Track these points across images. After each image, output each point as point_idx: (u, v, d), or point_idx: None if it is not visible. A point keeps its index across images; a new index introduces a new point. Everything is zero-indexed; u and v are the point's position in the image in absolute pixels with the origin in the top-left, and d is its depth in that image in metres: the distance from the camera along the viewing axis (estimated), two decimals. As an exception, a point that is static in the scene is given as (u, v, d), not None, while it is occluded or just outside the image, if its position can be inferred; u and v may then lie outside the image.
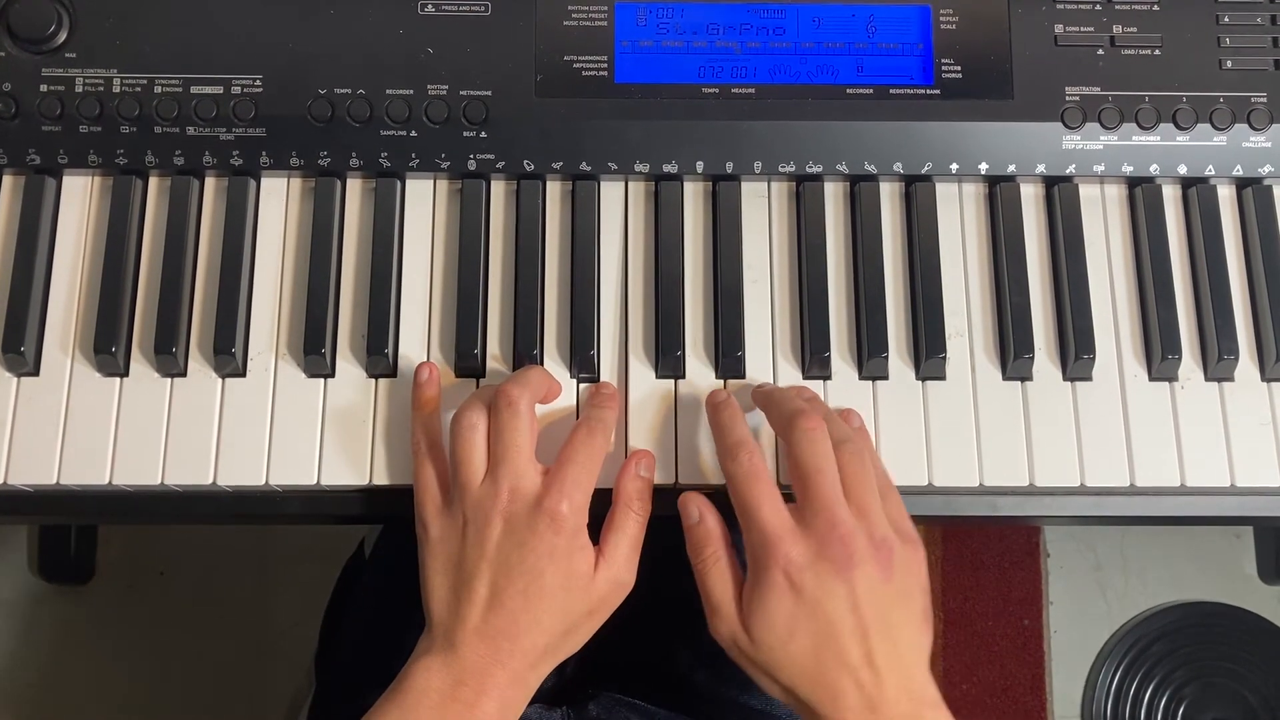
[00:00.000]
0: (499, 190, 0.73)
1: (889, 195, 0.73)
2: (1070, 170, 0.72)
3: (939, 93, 0.72)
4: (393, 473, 0.68)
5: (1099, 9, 0.72)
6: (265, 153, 0.71)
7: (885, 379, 0.70)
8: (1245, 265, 0.72)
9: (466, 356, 0.69)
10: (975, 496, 0.69)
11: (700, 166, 0.72)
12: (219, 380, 0.69)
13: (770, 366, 0.70)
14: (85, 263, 0.71)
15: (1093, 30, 0.72)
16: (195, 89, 0.71)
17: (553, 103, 0.71)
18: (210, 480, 0.67)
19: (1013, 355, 0.69)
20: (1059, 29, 0.72)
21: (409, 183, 0.73)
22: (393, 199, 0.72)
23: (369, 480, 0.68)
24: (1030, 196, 0.73)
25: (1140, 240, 0.72)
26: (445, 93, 0.71)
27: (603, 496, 0.65)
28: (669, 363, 0.69)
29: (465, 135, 0.71)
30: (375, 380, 0.70)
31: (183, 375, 0.69)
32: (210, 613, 1.43)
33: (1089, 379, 0.70)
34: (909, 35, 0.72)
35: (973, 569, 1.47)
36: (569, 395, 0.70)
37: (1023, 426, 0.69)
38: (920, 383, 0.70)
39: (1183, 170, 0.72)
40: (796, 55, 0.72)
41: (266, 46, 0.71)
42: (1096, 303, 0.71)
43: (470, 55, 0.71)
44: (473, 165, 0.71)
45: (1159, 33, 0.72)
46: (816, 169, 0.72)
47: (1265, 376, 0.70)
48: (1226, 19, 0.72)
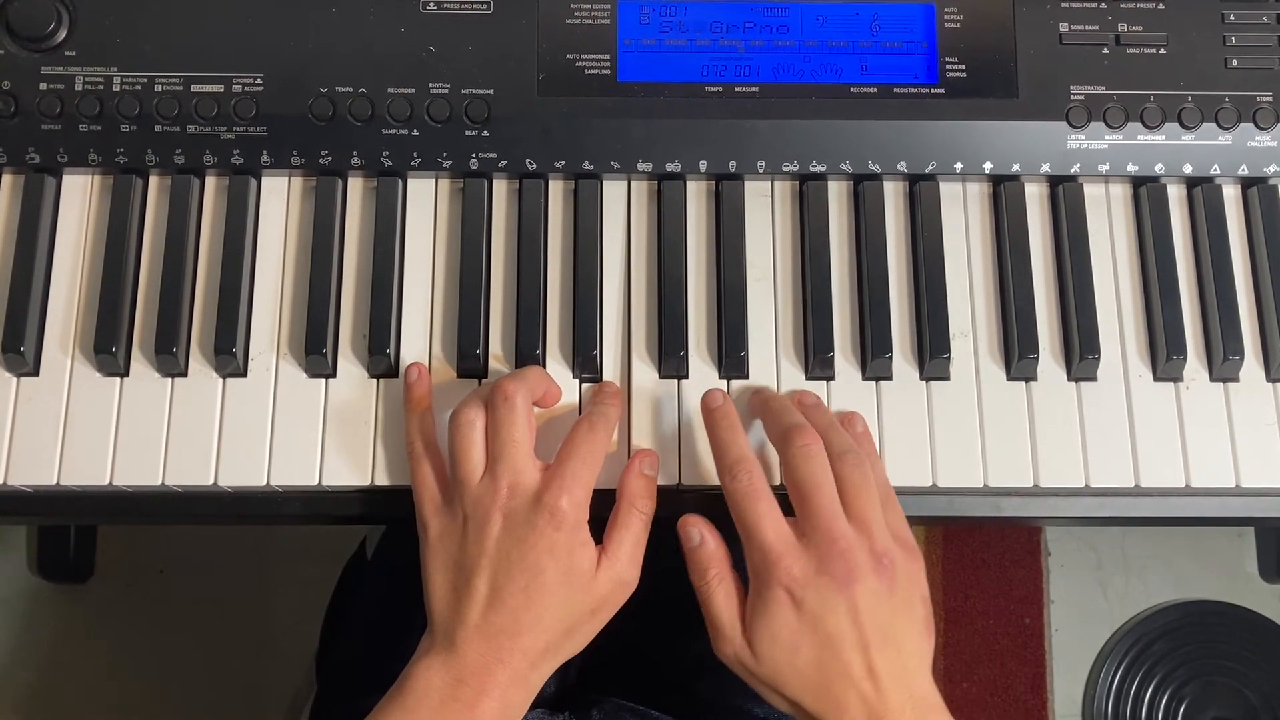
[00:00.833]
0: (501, 189, 0.73)
1: (893, 195, 0.73)
2: (1075, 169, 0.71)
3: (943, 92, 0.71)
4: (394, 473, 0.68)
5: (1104, 8, 0.72)
6: (266, 152, 0.70)
7: (889, 379, 0.70)
8: (1250, 265, 0.72)
9: (468, 356, 0.69)
10: (979, 497, 0.69)
11: (703, 166, 0.71)
12: (220, 380, 0.69)
13: (773, 367, 0.70)
14: (85, 262, 0.71)
15: (1098, 29, 0.72)
16: (196, 87, 0.70)
17: (555, 101, 0.71)
18: (211, 481, 0.67)
19: (1017, 355, 0.69)
20: (1064, 28, 0.72)
21: (411, 182, 0.72)
22: (394, 198, 0.71)
23: (370, 481, 0.68)
24: (1035, 196, 0.73)
25: (1145, 240, 0.72)
26: (447, 91, 0.71)
27: (605, 498, 0.64)
28: (672, 363, 0.69)
29: (467, 134, 0.71)
30: (377, 380, 0.69)
31: (183, 375, 0.69)
32: (210, 612, 1.43)
33: (1094, 379, 0.70)
34: (913, 34, 0.72)
35: (974, 567, 1.47)
36: (571, 395, 0.69)
37: (1027, 427, 0.69)
38: (924, 383, 0.70)
39: (1188, 170, 0.72)
40: (800, 54, 0.72)
41: (267, 45, 0.71)
42: (1101, 303, 0.70)
43: (472, 54, 0.71)
44: (475, 164, 0.71)
45: (1164, 32, 0.72)
46: (820, 168, 0.71)
47: (1270, 377, 0.70)
48: (1232, 18, 0.72)
